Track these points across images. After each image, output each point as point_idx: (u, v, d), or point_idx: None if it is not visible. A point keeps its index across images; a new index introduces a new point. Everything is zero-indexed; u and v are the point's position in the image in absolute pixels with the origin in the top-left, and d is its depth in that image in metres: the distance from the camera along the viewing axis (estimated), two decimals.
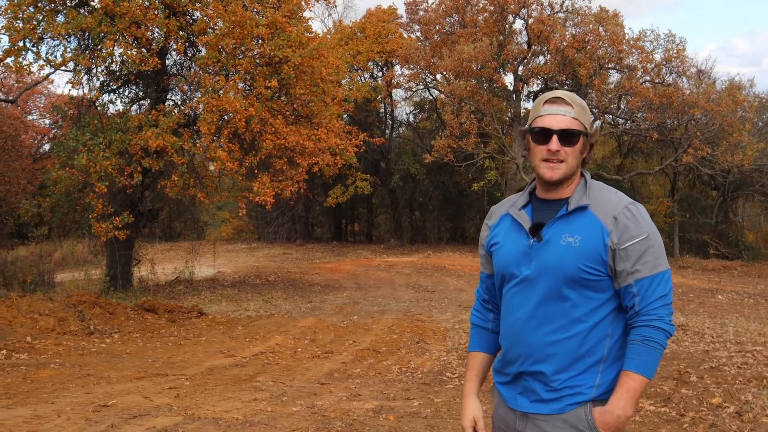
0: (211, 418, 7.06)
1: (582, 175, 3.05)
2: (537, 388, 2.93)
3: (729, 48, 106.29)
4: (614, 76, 31.57)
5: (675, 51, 29.99)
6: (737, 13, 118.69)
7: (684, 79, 31.15)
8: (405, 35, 35.09)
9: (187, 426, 6.71)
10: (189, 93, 18.97)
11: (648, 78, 30.02)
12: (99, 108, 18.63)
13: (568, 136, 2.93)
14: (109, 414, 7.19)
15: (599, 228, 2.86)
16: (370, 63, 36.02)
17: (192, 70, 18.83)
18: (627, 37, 30.05)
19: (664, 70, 30.38)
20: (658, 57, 30.19)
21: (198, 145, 17.19)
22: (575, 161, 2.96)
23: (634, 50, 30.05)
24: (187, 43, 17.97)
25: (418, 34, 34.26)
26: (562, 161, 2.94)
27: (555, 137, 2.92)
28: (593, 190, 2.98)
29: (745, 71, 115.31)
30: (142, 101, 19.74)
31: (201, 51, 18.22)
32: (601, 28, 29.41)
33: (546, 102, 2.99)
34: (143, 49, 16.83)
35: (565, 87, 32.77)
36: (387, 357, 11.17)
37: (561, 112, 2.94)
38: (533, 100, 32.81)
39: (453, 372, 10.03)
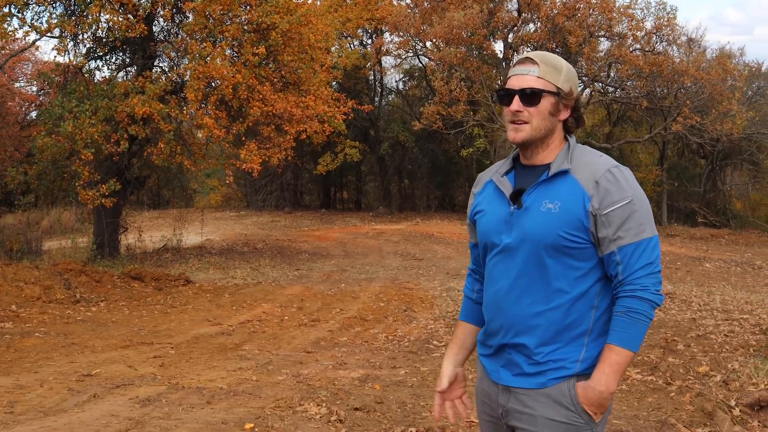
0: (195, 388, 7.01)
1: (566, 140, 2.92)
2: (520, 361, 2.82)
3: (720, 17, 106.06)
4: (604, 44, 31.49)
5: (665, 19, 29.92)
6: None
7: (674, 47, 31.10)
8: (395, 2, 34.88)
9: (171, 396, 6.66)
10: (176, 60, 18.79)
11: (638, 46, 29.97)
12: (85, 75, 18.45)
13: (529, 96, 2.79)
14: (93, 384, 7.14)
15: (580, 193, 2.73)
16: (359, 30, 35.74)
17: (179, 36, 18.67)
18: (617, 5, 29.95)
19: (654, 38, 30.32)
20: (648, 25, 30.16)
21: (185, 112, 17.07)
22: (543, 123, 2.81)
23: (624, 18, 29.97)
24: (173, 9, 17.77)
25: (408, 1, 34.05)
26: (525, 122, 2.81)
27: (516, 97, 2.81)
28: (576, 154, 2.84)
29: (737, 39, 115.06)
30: (129, 68, 19.57)
31: (188, 17, 18.02)
32: None
33: (515, 63, 2.89)
34: (129, 16, 16.65)
35: (555, 54, 32.62)
36: (374, 325, 11.16)
37: (524, 72, 2.83)
38: None
39: (440, 340, 10.01)
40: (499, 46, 32.72)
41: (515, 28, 31.62)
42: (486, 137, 33.51)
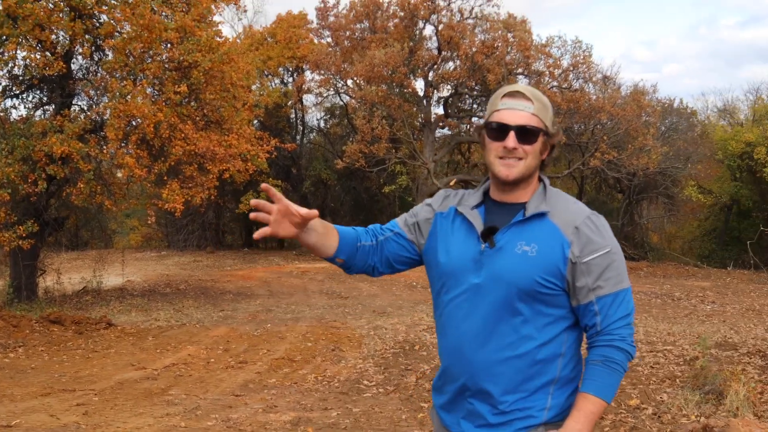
0: None
1: (540, 180, 2.82)
2: (483, 411, 2.68)
3: (630, 55, 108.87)
4: (523, 82, 31.88)
5: (582, 57, 30.57)
6: (637, 23, 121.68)
7: (590, 84, 31.71)
8: (316, 41, 34.95)
9: None
10: (95, 98, 18.39)
11: (555, 83, 30.48)
12: (1, 114, 18.00)
13: (526, 134, 2.69)
14: None
15: (559, 238, 2.63)
16: (280, 68, 35.74)
17: (98, 74, 18.30)
18: (535, 43, 30.48)
19: (571, 76, 30.91)
20: (565, 63, 30.74)
21: (105, 151, 16.72)
22: (534, 161, 2.72)
23: (541, 56, 30.48)
24: (93, 47, 17.45)
25: (329, 39, 34.15)
26: (519, 159, 2.69)
27: (512, 133, 2.68)
28: (551, 196, 2.75)
29: (648, 77, 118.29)
30: (47, 106, 19.12)
31: (107, 55, 17.71)
32: (509, 35, 29.80)
33: (504, 96, 2.74)
34: (47, 53, 16.30)
35: (474, 92, 33.09)
36: (302, 366, 11.01)
37: (520, 107, 2.70)
38: (443, 105, 33.12)
39: (370, 380, 9.92)
40: (419, 84, 33.01)
41: (435, 66, 31.94)
42: (408, 174, 33.71)
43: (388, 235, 2.95)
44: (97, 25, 17.22)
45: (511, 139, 2.68)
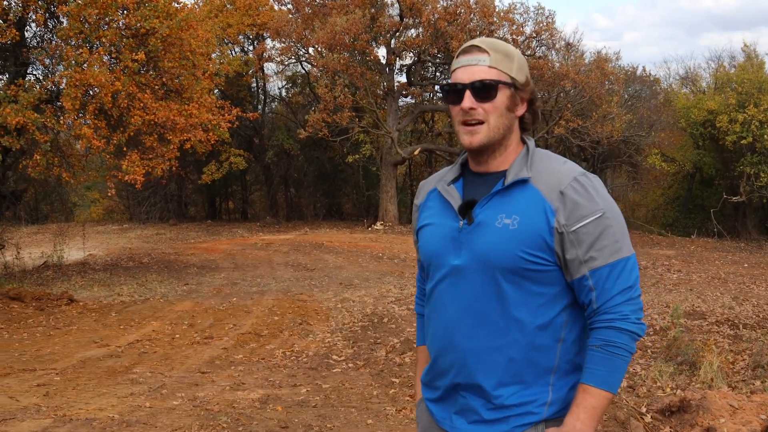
0: (84, 419, 6.51)
1: (524, 142, 2.49)
2: (476, 406, 2.39)
3: (590, 23, 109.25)
4: None
5: (545, 24, 30.43)
6: None
7: (554, 51, 31.61)
8: (276, 7, 34.52)
9: (57, 430, 6.15)
10: (51, 67, 17.89)
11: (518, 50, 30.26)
12: None
13: (483, 90, 2.34)
14: None
15: (542, 206, 2.31)
16: (240, 36, 35.22)
17: (53, 42, 17.79)
18: (497, 10, 30.29)
19: (534, 43, 30.77)
20: (528, 30, 30.60)
21: (62, 122, 16.26)
22: (501, 120, 2.38)
23: (504, 23, 30.32)
24: (47, 14, 16.94)
25: (290, 6, 33.77)
26: (482, 122, 2.36)
27: (468, 92, 2.35)
28: (537, 159, 2.42)
29: (609, 45, 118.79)
30: (0, 76, 18.63)
31: (62, 22, 17.24)
32: (471, 0, 29.51)
33: (459, 54, 2.44)
34: None
35: (437, 59, 32.87)
36: (270, 341, 10.79)
37: (473, 62, 2.37)
38: (406, 73, 32.88)
39: (339, 354, 9.73)
40: (382, 52, 32.76)
41: (397, 33, 31.64)
42: (372, 143, 33.48)
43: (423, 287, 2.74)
44: None
45: (467, 99, 2.36)
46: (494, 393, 2.36)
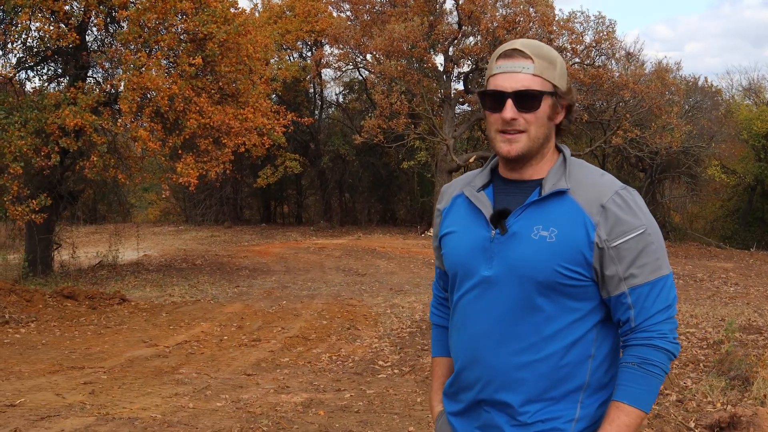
0: (126, 418, 6.56)
1: (559, 151, 2.38)
2: (501, 423, 2.28)
3: (651, 33, 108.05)
4: None
5: (605, 33, 30.07)
6: (657, 1, 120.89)
7: (613, 61, 31.23)
8: (335, 14, 34.64)
9: (100, 428, 6.20)
10: (110, 70, 18.19)
11: (578, 59, 29.99)
12: (15, 85, 17.81)
13: (526, 100, 2.24)
14: (15, 415, 6.63)
15: (582, 219, 2.21)
16: (299, 42, 35.46)
17: (113, 46, 18.07)
18: (557, 18, 30.01)
19: (593, 52, 30.42)
20: (588, 39, 30.24)
21: (119, 124, 16.49)
22: (541, 130, 2.29)
23: (564, 31, 30.00)
24: (107, 18, 17.24)
25: (348, 13, 33.86)
26: (521, 132, 2.26)
27: (509, 102, 2.24)
28: (574, 170, 2.31)
29: (670, 55, 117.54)
30: (61, 78, 18.95)
31: (122, 26, 17.48)
32: (531, 9, 29.29)
33: (499, 57, 2.30)
34: (61, 24, 16.09)
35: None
36: (317, 344, 10.80)
37: (517, 69, 2.25)
38: (463, 81, 32.79)
39: (385, 360, 9.69)
40: (439, 59, 32.71)
41: (455, 41, 31.54)
42: (427, 150, 33.43)
43: (445, 281, 2.63)
44: None
45: (509, 109, 2.25)
46: (520, 410, 2.26)
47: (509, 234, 2.27)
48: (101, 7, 16.49)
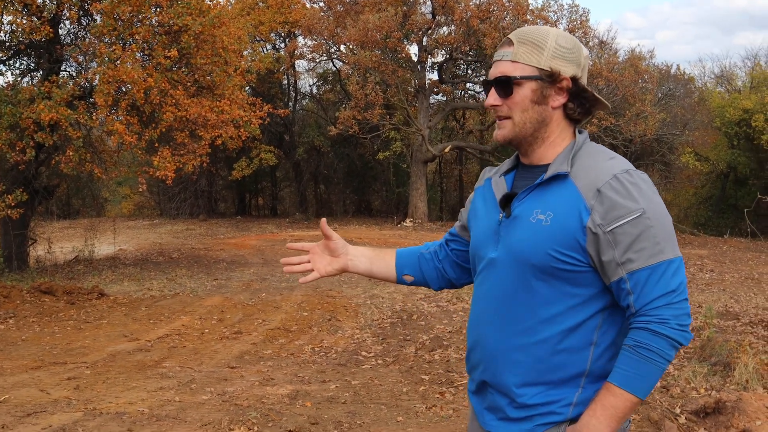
0: (114, 413, 6.54)
1: (575, 135, 2.36)
2: (502, 404, 2.32)
3: (623, 21, 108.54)
4: None
5: (578, 22, 30.28)
6: None
7: (587, 49, 31.35)
8: (308, 5, 34.53)
9: (88, 423, 6.19)
10: (84, 63, 18.02)
11: None
12: None
13: (502, 85, 2.29)
14: (1, 412, 6.60)
15: (577, 203, 2.18)
16: (272, 33, 35.26)
17: (87, 39, 17.89)
18: (531, 7, 30.15)
19: None
20: (561, 27, 30.31)
21: (94, 118, 16.35)
22: (526, 115, 2.29)
23: (538, 20, 30.08)
24: (80, 11, 17.05)
25: (322, 4, 33.78)
26: (507, 117, 2.30)
27: (492, 89, 2.32)
28: (582, 154, 2.29)
29: (642, 43, 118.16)
30: (34, 72, 18.77)
31: (96, 19, 17.32)
32: None
33: (498, 47, 2.38)
34: (34, 17, 15.92)
35: (469, 57, 32.77)
36: (299, 336, 10.79)
37: (499, 57, 2.32)
38: (438, 71, 32.83)
39: (368, 351, 9.71)
40: (413, 49, 32.74)
41: (429, 30, 31.59)
42: (402, 141, 33.44)
43: (448, 237, 2.75)
44: None
45: (490, 96, 2.34)
46: (518, 392, 2.28)
47: (512, 217, 2.31)
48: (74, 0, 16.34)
